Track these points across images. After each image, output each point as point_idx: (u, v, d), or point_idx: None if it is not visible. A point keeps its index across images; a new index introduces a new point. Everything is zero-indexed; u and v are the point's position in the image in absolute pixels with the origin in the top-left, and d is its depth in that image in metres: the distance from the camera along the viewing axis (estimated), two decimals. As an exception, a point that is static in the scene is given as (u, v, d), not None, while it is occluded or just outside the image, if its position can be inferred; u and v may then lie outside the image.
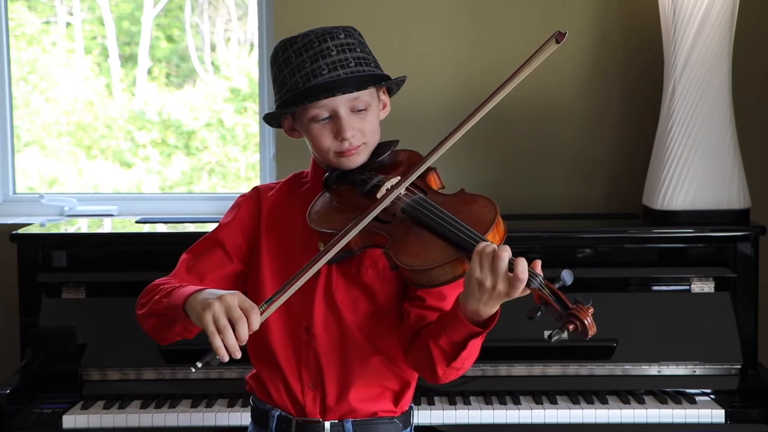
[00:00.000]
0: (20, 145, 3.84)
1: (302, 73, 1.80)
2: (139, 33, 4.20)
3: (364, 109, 1.83)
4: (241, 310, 1.61)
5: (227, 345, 1.60)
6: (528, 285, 1.58)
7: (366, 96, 1.83)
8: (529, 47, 2.15)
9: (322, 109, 1.81)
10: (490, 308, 1.63)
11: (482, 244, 1.60)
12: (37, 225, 3.06)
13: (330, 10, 3.21)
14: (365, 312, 1.86)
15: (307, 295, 1.85)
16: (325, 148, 1.84)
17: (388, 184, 1.80)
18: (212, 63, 4.35)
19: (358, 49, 1.83)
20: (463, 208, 1.74)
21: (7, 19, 3.47)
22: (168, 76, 4.29)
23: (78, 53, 4.21)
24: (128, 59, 4.25)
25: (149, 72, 4.23)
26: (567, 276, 1.59)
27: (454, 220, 1.68)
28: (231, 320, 1.61)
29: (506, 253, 1.58)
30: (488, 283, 1.58)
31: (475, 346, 1.70)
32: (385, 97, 1.93)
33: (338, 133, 1.82)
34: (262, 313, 1.64)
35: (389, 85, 1.90)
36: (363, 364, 1.85)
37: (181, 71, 4.30)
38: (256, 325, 1.62)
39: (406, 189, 1.79)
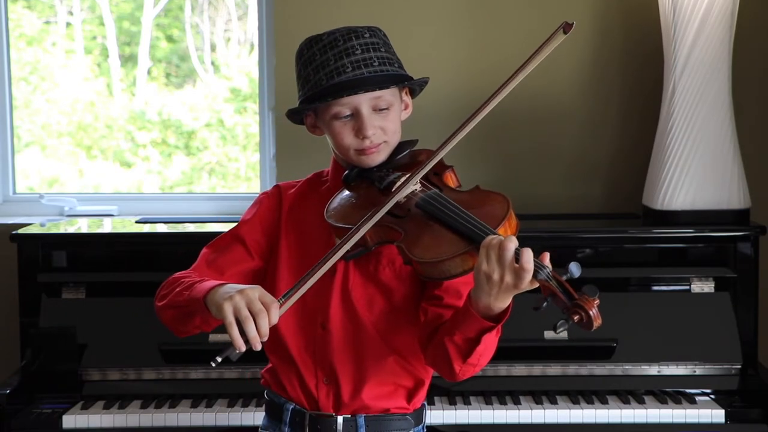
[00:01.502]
0: (20, 146, 3.85)
1: (326, 71, 1.82)
2: (139, 33, 4.20)
3: (386, 108, 1.85)
4: (262, 303, 1.62)
5: (248, 336, 1.60)
6: (535, 276, 1.58)
7: (388, 95, 1.84)
8: (529, 47, 2.11)
9: (344, 106, 1.83)
10: (501, 302, 1.63)
11: (489, 237, 1.62)
12: (37, 225, 3.06)
13: (330, 10, 3.21)
14: (381, 310, 1.87)
15: (323, 291, 1.86)
16: (346, 145, 1.86)
17: (403, 179, 1.81)
18: (212, 63, 4.35)
19: (382, 49, 1.85)
20: (477, 204, 1.76)
21: (7, 19, 3.47)
22: (168, 76, 4.29)
23: (78, 53, 4.21)
24: (128, 59, 4.25)
25: (149, 72, 4.23)
26: (575, 268, 1.59)
27: (466, 214, 1.70)
28: (252, 312, 1.61)
29: (512, 243, 1.58)
30: (496, 275, 1.59)
31: (490, 341, 1.70)
32: (407, 98, 1.95)
33: (359, 131, 1.83)
34: (280, 307, 1.65)
35: (412, 85, 1.91)
36: (377, 361, 1.86)
37: (181, 71, 4.30)
38: (275, 319, 1.62)
39: (421, 185, 1.81)
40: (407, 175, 1.81)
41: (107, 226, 3.18)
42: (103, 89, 4.23)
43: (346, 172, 1.90)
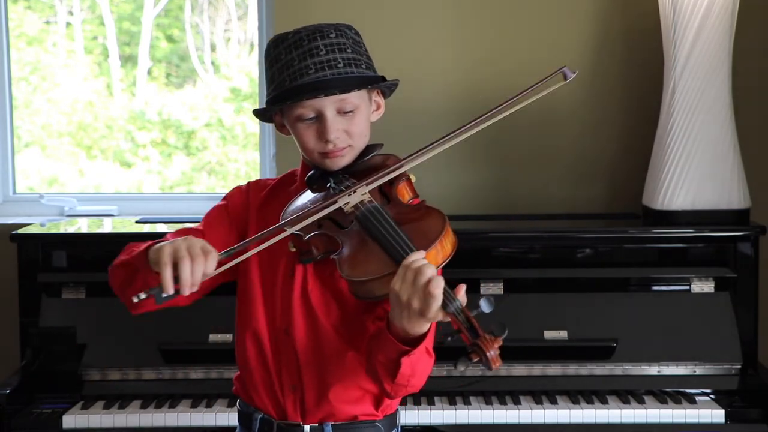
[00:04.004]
0: (20, 146, 3.85)
1: (290, 71, 1.79)
2: (139, 33, 4.20)
3: (352, 111, 1.81)
4: (202, 250, 1.61)
5: (181, 277, 1.58)
6: (444, 308, 1.54)
7: (354, 98, 1.80)
8: (529, 48, 2.15)
9: (307, 108, 1.79)
10: (416, 327, 1.59)
11: (412, 257, 1.57)
12: (37, 225, 3.06)
13: (329, 10, 3.21)
14: (338, 316, 1.84)
15: (285, 296, 1.85)
16: (309, 148, 1.83)
17: (351, 189, 1.78)
18: (212, 63, 4.35)
19: (349, 50, 1.81)
20: (414, 221, 1.71)
21: (7, 19, 3.47)
22: (168, 76, 4.29)
23: (78, 53, 4.21)
24: (128, 59, 4.25)
25: (149, 72, 4.23)
26: (485, 304, 1.54)
27: (396, 233, 1.66)
28: (190, 255, 1.59)
29: (430, 270, 1.54)
30: (404, 296, 1.55)
31: (416, 364, 1.66)
32: (379, 99, 1.91)
33: (322, 135, 1.80)
34: (220, 264, 1.63)
35: (376, 88, 1.87)
36: (339, 365, 1.83)
37: (181, 71, 4.30)
38: (211, 268, 1.61)
39: (370, 196, 1.77)
40: (357, 184, 1.78)
41: (107, 226, 3.18)
42: (103, 89, 4.23)
43: (310, 173, 1.87)
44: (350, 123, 1.81)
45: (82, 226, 3.16)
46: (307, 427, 1.86)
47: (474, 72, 3.26)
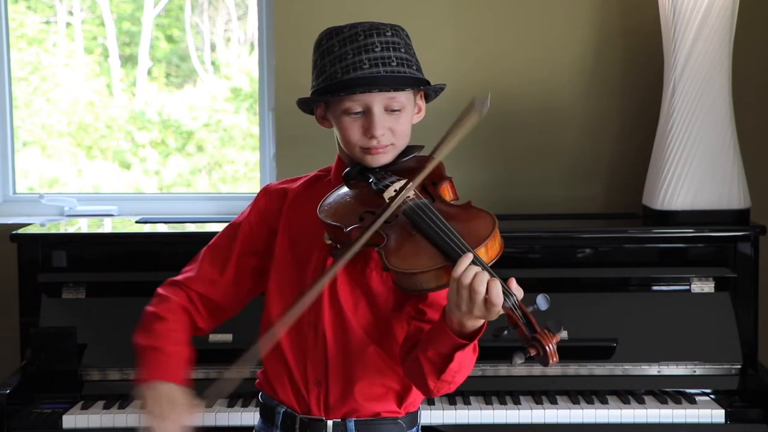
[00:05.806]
0: (20, 146, 3.85)
1: (343, 64, 1.80)
2: (139, 33, 4.20)
3: (399, 110, 1.83)
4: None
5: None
6: (502, 304, 1.58)
7: (402, 97, 1.83)
8: (529, 48, 2.13)
9: (356, 102, 1.81)
10: (474, 322, 1.63)
11: (460, 269, 1.59)
12: (37, 225, 3.06)
13: (330, 10, 3.21)
14: (365, 313, 1.86)
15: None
16: (353, 142, 1.84)
17: (397, 185, 1.80)
18: (212, 63, 4.34)
19: (402, 49, 1.84)
20: (463, 220, 1.73)
21: (7, 19, 3.47)
22: (168, 76, 4.28)
23: (78, 53, 4.21)
24: (128, 59, 4.25)
25: (149, 72, 4.23)
26: (542, 301, 1.58)
27: (448, 229, 1.68)
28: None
29: (482, 286, 1.57)
30: (464, 307, 1.59)
31: (464, 359, 1.68)
32: (421, 102, 1.93)
33: (368, 130, 1.82)
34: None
35: (428, 90, 1.90)
36: (365, 362, 1.85)
37: (181, 71, 4.30)
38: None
39: (415, 193, 1.79)
40: (403, 182, 1.80)
41: (107, 226, 3.18)
42: (103, 89, 4.23)
43: (348, 169, 1.89)
44: (396, 121, 1.83)
45: (82, 226, 3.16)
46: (330, 423, 1.87)
47: (474, 72, 3.26)
